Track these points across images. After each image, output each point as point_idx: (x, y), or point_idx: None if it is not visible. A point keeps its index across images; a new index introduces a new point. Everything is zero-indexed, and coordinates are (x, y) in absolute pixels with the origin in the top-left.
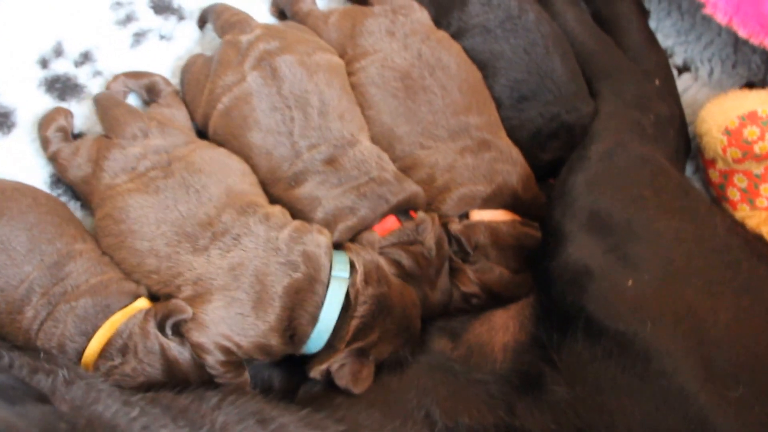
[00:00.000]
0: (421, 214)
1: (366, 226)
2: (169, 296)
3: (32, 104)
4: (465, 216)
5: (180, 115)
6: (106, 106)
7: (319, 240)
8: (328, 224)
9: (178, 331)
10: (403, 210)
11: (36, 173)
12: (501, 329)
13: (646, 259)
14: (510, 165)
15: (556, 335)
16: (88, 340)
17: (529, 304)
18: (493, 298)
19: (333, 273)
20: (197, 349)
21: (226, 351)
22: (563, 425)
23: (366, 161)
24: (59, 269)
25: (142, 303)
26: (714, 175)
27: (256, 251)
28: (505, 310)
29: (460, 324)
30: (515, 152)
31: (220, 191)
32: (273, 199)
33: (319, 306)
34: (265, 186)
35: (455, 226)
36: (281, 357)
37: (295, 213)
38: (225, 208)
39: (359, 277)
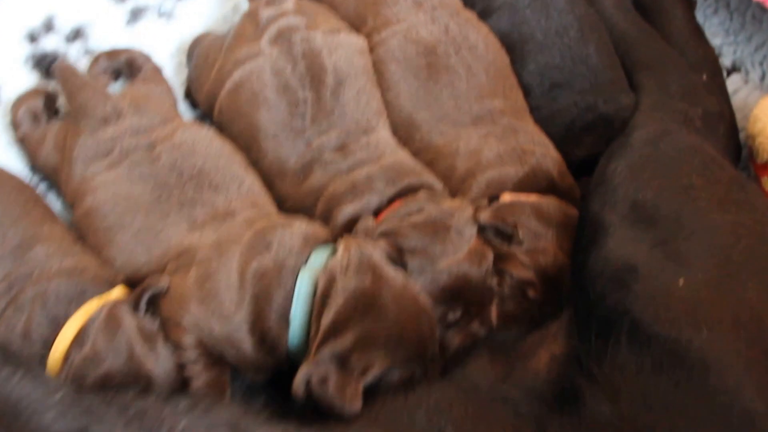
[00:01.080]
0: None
1: (369, 210)
2: None
3: (17, 81)
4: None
5: (158, 91)
6: (71, 88)
7: (300, 227)
8: (329, 211)
9: (154, 310)
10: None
11: (18, 156)
12: (551, 337)
13: (699, 256)
14: (542, 148)
15: (596, 343)
16: (59, 328)
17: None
18: (552, 289)
19: (309, 262)
20: (170, 326)
21: (198, 330)
22: None
23: (379, 147)
24: (24, 251)
25: (121, 291)
26: None
27: (241, 229)
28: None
29: (507, 338)
30: (544, 137)
31: (224, 180)
32: (280, 198)
33: (289, 301)
34: (271, 179)
35: (484, 214)
36: (271, 373)
37: (305, 212)
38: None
39: (337, 264)
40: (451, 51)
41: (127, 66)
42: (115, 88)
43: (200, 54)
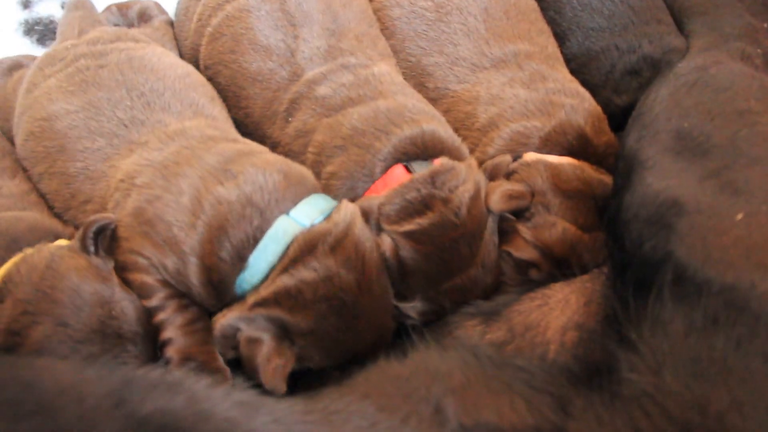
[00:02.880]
0: (444, 160)
1: (362, 178)
2: None
3: (7, 49)
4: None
5: (156, 36)
6: (66, 9)
7: (277, 162)
8: (315, 167)
9: (106, 250)
10: (417, 154)
11: None
12: (559, 306)
13: (760, 186)
14: (574, 99)
15: (633, 301)
16: None
17: (600, 273)
18: (558, 267)
19: (291, 213)
20: (125, 272)
21: (154, 269)
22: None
23: (376, 87)
24: None
25: (65, 242)
26: None
27: (198, 151)
28: (566, 282)
29: (499, 302)
30: (580, 87)
31: (182, 104)
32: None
33: (249, 243)
34: (261, 128)
35: (495, 198)
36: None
37: (293, 158)
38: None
39: (326, 233)
40: None
41: (138, 16)
42: None
43: (180, 8)
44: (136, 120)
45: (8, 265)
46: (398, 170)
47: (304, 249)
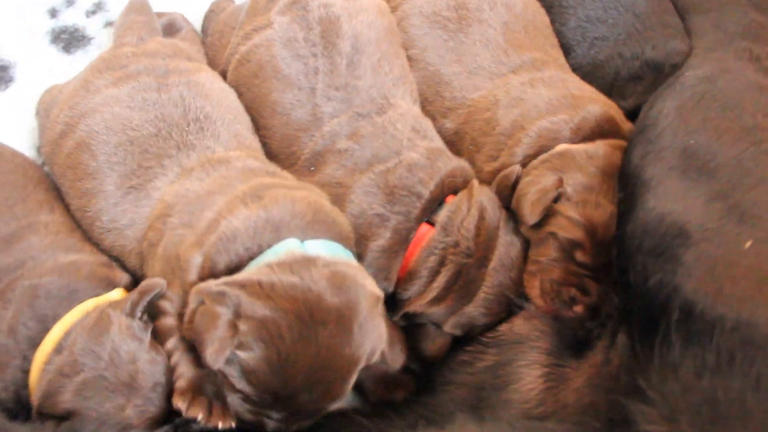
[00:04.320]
0: (450, 204)
1: (400, 242)
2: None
3: (35, 56)
4: None
5: (194, 50)
6: (128, 10)
7: (311, 198)
8: (358, 239)
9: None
10: (440, 200)
11: (34, 126)
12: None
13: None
14: (594, 93)
15: (640, 346)
16: (46, 328)
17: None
18: (602, 251)
19: (305, 241)
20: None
21: (172, 302)
22: None
23: (395, 137)
24: (17, 240)
25: (119, 294)
26: None
27: (234, 181)
28: None
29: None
30: (594, 90)
31: (229, 134)
32: None
33: (253, 253)
34: (276, 161)
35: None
36: None
37: None
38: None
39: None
40: (485, 6)
41: (165, 28)
42: None
43: (214, 32)
44: (189, 144)
45: (70, 318)
46: (423, 228)
47: (301, 262)
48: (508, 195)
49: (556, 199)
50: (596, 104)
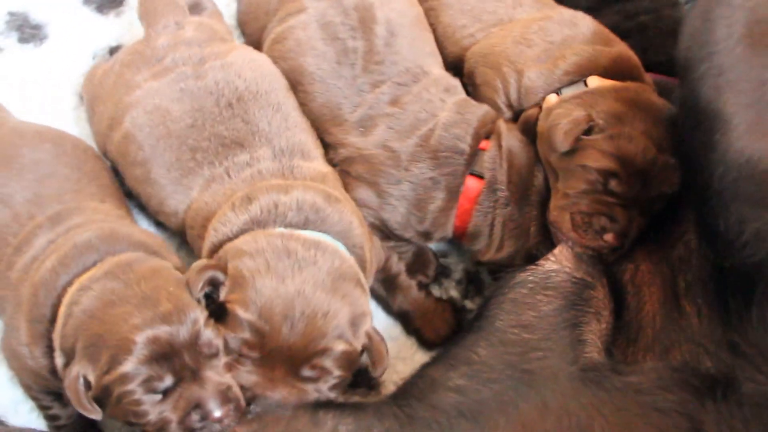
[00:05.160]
0: (487, 157)
1: (452, 198)
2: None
3: (69, 17)
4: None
5: (220, 28)
6: None
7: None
8: (417, 203)
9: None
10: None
11: (65, 85)
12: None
13: None
14: (620, 44)
15: (733, 300)
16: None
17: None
18: (639, 182)
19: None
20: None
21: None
22: None
23: (430, 100)
24: (62, 218)
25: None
26: None
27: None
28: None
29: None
30: None
31: (265, 109)
32: (334, 144)
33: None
34: (322, 124)
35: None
36: None
37: (371, 165)
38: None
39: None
40: None
41: (191, 6)
42: None
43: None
44: (217, 135)
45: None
46: (469, 181)
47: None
48: (533, 133)
49: (588, 132)
50: (625, 45)
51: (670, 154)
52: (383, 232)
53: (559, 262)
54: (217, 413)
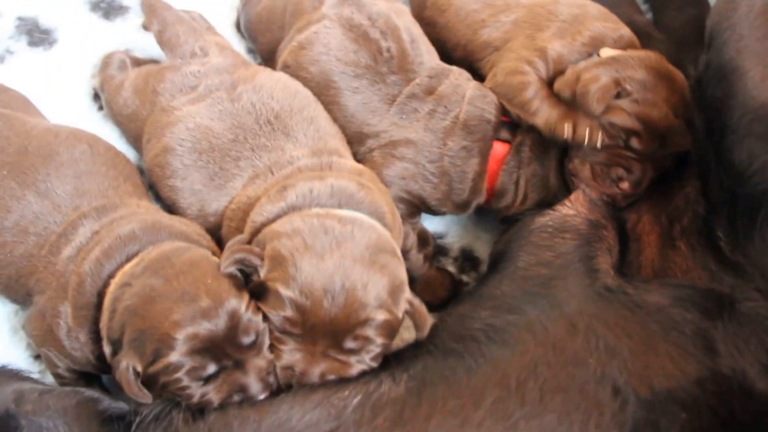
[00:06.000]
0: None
1: (484, 162)
2: None
3: (76, 23)
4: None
5: (227, 44)
6: (163, 21)
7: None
8: (459, 172)
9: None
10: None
11: (78, 88)
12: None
13: None
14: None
15: (740, 222)
16: (127, 260)
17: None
18: (658, 144)
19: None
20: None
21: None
22: None
23: (460, 85)
24: (107, 210)
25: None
26: None
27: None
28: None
29: None
30: None
31: (299, 123)
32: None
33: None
34: (361, 114)
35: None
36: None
37: (415, 146)
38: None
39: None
40: None
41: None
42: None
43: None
44: (261, 146)
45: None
46: (496, 146)
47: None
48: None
49: (617, 96)
50: (625, 29)
51: (684, 118)
52: (417, 207)
53: (575, 208)
54: (261, 397)
